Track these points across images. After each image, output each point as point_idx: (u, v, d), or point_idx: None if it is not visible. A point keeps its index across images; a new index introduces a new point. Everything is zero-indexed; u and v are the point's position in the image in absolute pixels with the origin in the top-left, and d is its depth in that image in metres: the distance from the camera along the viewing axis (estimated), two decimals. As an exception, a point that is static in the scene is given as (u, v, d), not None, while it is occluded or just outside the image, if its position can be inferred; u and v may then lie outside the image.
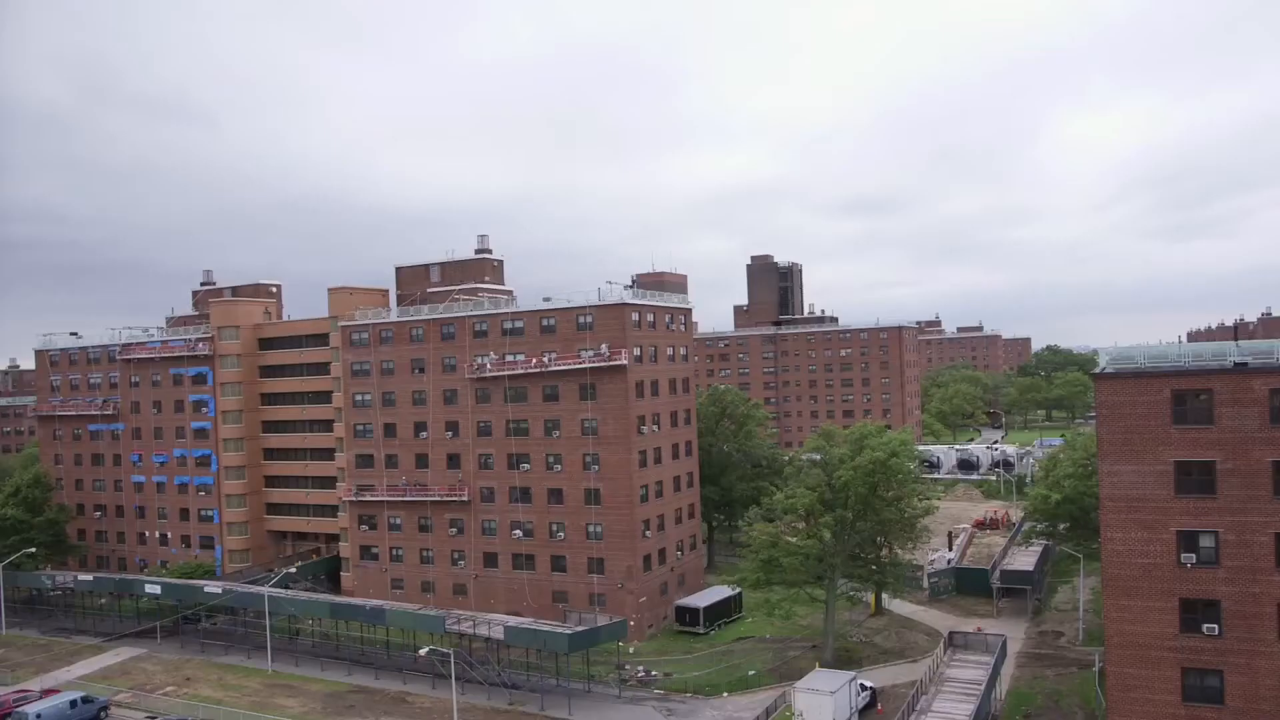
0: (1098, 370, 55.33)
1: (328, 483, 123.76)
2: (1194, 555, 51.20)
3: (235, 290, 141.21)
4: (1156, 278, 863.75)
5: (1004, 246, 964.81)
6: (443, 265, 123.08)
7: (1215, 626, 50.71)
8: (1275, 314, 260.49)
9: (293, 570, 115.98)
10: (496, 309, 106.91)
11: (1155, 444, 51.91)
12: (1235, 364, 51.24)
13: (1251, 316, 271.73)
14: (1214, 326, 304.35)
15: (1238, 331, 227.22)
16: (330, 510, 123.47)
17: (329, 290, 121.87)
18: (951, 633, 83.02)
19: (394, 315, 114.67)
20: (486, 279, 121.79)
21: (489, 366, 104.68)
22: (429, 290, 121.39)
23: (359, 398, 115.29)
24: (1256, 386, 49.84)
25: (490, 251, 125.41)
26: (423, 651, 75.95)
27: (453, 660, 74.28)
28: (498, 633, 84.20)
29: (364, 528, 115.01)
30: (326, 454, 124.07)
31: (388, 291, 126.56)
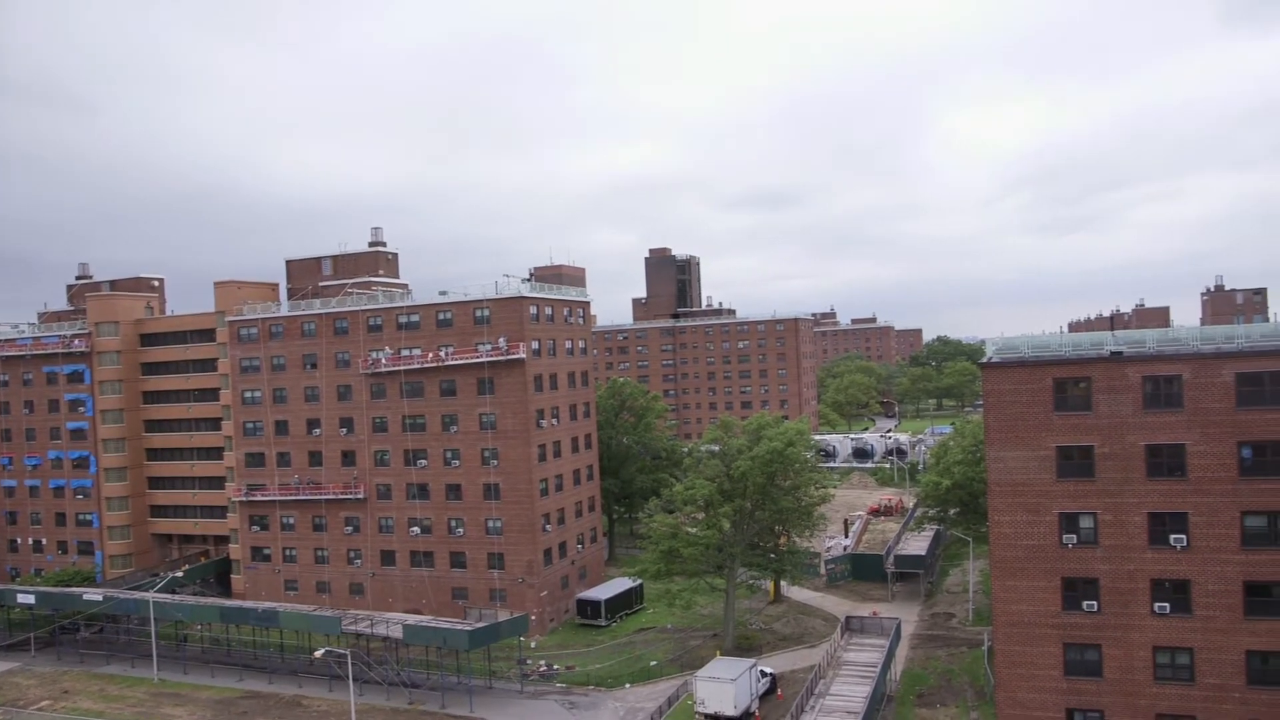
0: (985, 360, 57.09)
1: (216, 483, 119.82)
2: (1075, 536, 53.35)
3: (114, 284, 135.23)
4: (1040, 270, 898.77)
5: (897, 240, 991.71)
6: (335, 259, 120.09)
7: (1094, 603, 52.95)
8: (1148, 305, 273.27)
9: (179, 574, 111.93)
10: (391, 303, 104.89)
11: (1038, 430, 53.87)
12: (1111, 353, 53.51)
13: (1127, 307, 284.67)
14: (1092, 317, 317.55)
15: (1114, 322, 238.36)
16: (219, 511, 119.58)
17: (215, 284, 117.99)
18: (848, 617, 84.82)
19: (284, 310, 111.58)
20: (381, 272, 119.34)
21: (384, 361, 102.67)
22: (321, 284, 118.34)
23: (248, 395, 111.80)
24: (1131, 374, 52.16)
25: (384, 245, 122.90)
26: (318, 653, 74.13)
27: (349, 661, 72.71)
28: (396, 632, 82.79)
29: (255, 528, 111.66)
30: (214, 453, 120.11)
31: (277, 286, 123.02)
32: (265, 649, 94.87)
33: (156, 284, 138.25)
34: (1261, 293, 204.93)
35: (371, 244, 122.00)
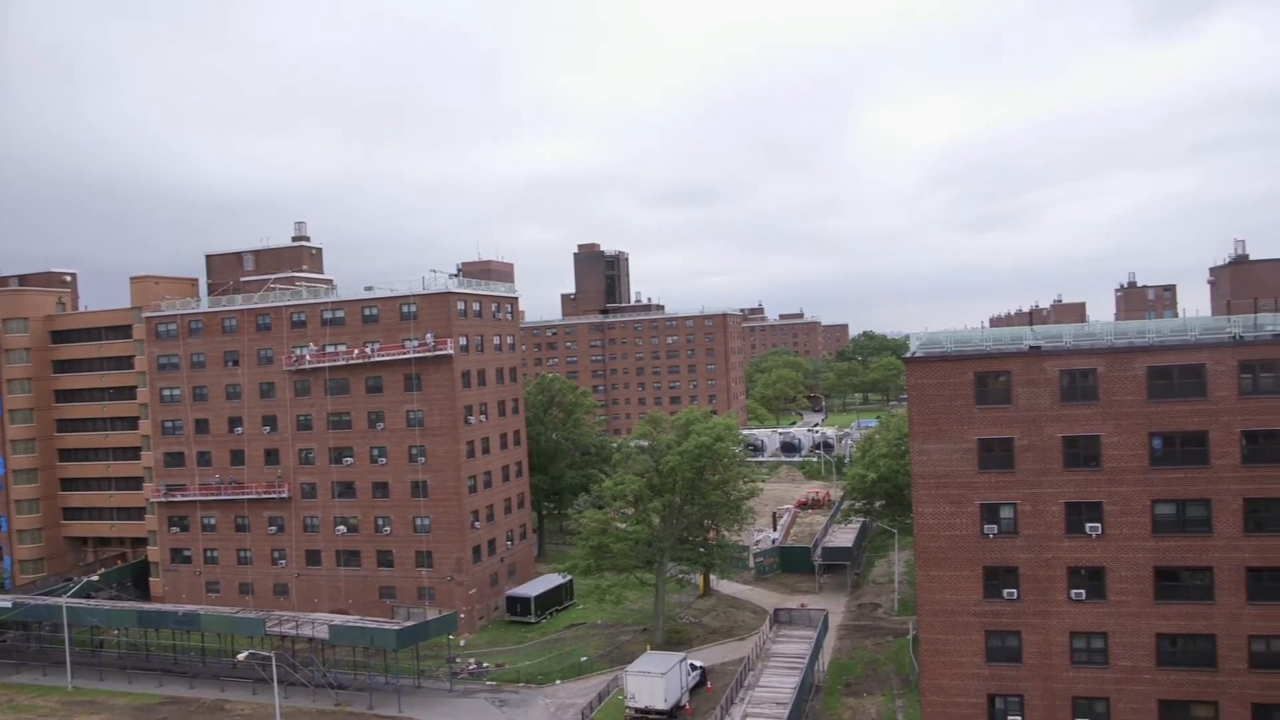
0: (908, 355, 58.10)
1: (133, 483, 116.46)
2: (995, 526, 54.64)
3: (23, 279, 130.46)
4: (963, 266, 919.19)
5: (823, 236, 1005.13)
6: (257, 253, 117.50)
7: (1014, 591, 54.32)
8: (1066, 301, 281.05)
9: (95, 578, 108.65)
10: (316, 298, 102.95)
11: (960, 423, 55.02)
12: (1030, 348, 54.89)
13: (1046, 303, 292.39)
14: (1013, 312, 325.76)
15: (1033, 317, 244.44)
16: (137, 512, 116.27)
17: (131, 280, 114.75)
18: (776, 610, 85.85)
19: (204, 305, 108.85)
20: (305, 267, 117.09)
21: (308, 358, 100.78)
22: (242, 279, 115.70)
23: (167, 393, 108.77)
24: (1049, 368, 53.59)
25: (308, 239, 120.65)
26: (241, 656, 72.38)
27: (274, 663, 71.26)
28: (322, 632, 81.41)
29: (175, 529, 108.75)
30: (131, 453, 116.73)
31: (197, 281, 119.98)
32: (186, 653, 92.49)
33: (69, 279, 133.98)
34: (1171, 289, 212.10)
35: (295, 238, 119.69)
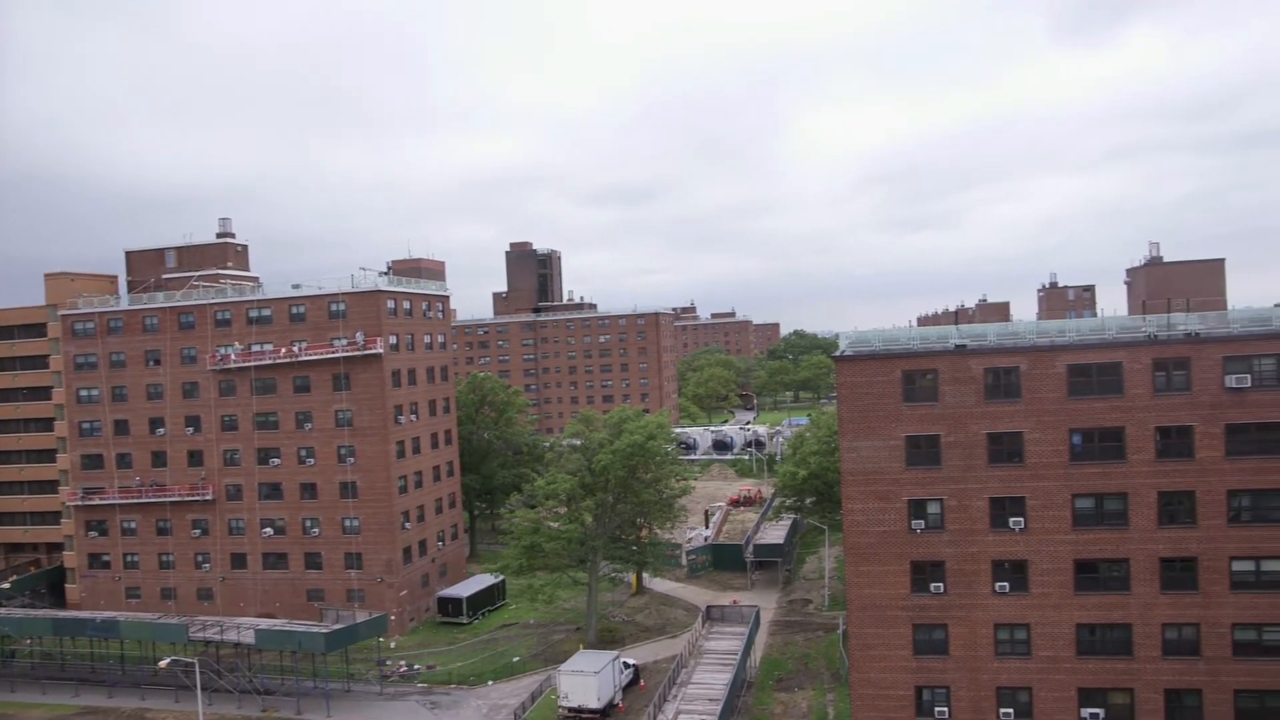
0: (838, 354, 58.87)
1: (48, 487, 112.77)
2: (923, 522, 55.68)
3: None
4: (893, 266, 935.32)
5: (755, 236, 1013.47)
6: (180, 250, 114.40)
7: (941, 585, 55.43)
8: (991, 300, 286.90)
9: (6, 585, 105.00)
10: (241, 296, 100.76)
11: (889, 421, 55.94)
12: (956, 346, 56.05)
13: (971, 302, 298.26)
14: (940, 312, 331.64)
15: (958, 317, 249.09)
16: (52, 517, 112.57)
17: (46, 276, 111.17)
18: (709, 607, 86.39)
19: (124, 303, 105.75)
20: (229, 265, 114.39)
21: (233, 357, 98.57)
22: (164, 276, 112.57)
23: (84, 393, 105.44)
24: (973, 366, 54.78)
25: (233, 236, 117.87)
26: (163, 663, 70.56)
27: (197, 670, 69.54)
28: (248, 637, 79.76)
29: (92, 534, 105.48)
30: (47, 455, 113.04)
31: (116, 278, 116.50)
32: (105, 661, 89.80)
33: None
34: (1090, 289, 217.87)
35: (219, 235, 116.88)
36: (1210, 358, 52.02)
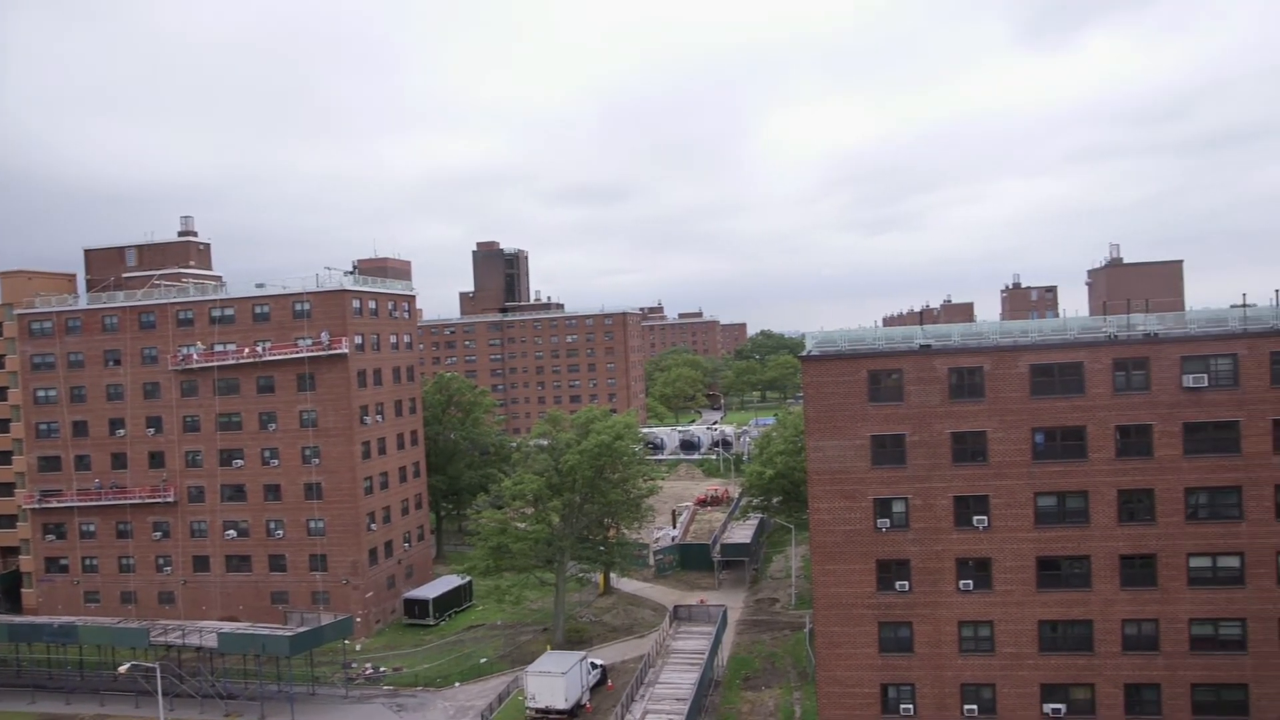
0: (804, 353, 59.17)
1: (4, 490, 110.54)
2: (888, 520, 56.08)
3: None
4: (859, 266, 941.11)
5: (723, 236, 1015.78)
6: (140, 248, 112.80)
7: (906, 583, 55.88)
8: (955, 301, 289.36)
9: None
10: (203, 295, 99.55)
11: (854, 420, 56.30)
12: (921, 346, 56.53)
13: (936, 303, 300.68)
14: (905, 312, 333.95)
15: (923, 317, 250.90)
16: (8, 520, 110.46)
17: (1, 275, 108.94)
18: (676, 606, 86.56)
19: (83, 302, 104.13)
20: (192, 263, 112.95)
21: (196, 357, 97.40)
22: (125, 275, 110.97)
23: (41, 394, 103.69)
24: (938, 366, 55.28)
25: (195, 234, 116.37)
26: (123, 668, 69.47)
27: (158, 675, 68.60)
28: (210, 641, 78.79)
29: (50, 537, 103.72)
30: (2, 457, 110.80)
31: (75, 277, 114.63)
32: (62, 667, 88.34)
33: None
34: (1052, 290, 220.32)
35: (181, 233, 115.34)
36: (1168, 358, 52.87)
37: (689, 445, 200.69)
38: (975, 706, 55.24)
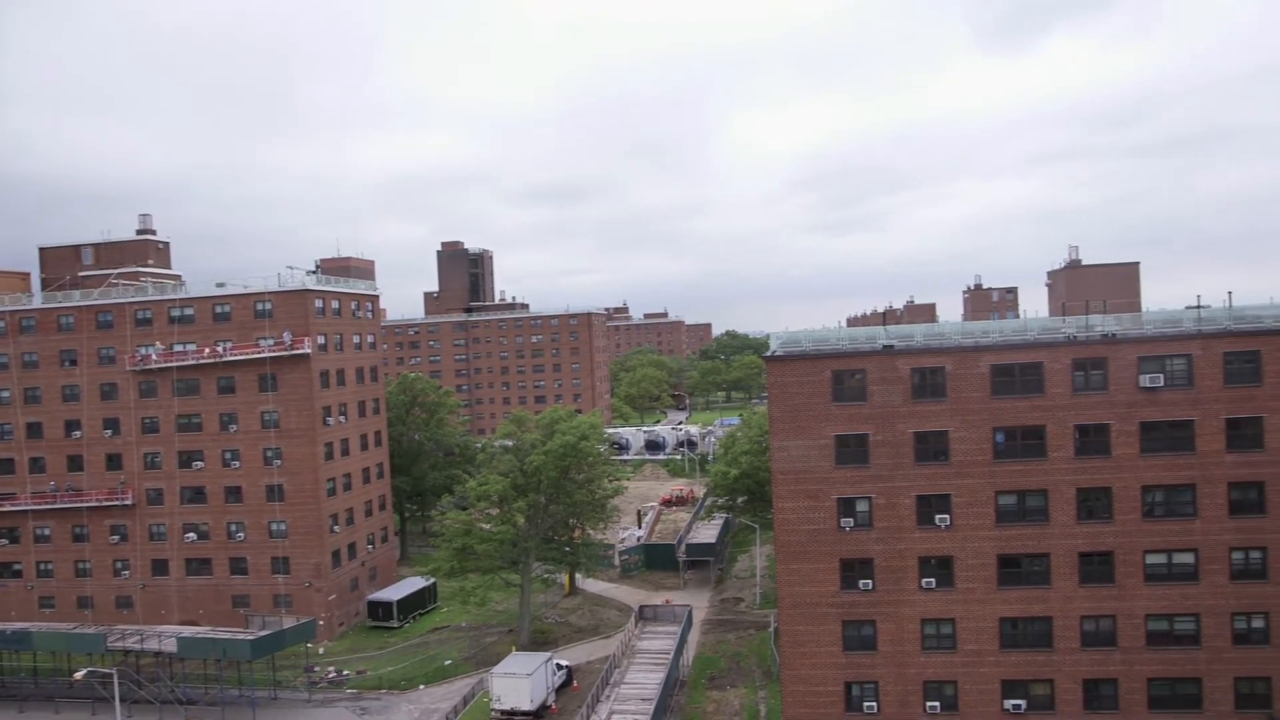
0: (769, 354, 59.46)
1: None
2: (851, 520, 56.47)
3: None
4: (822, 267, 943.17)
5: (688, 236, 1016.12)
6: (97, 247, 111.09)
7: (869, 582, 56.30)
8: (918, 301, 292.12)
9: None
10: (162, 295, 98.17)
11: (818, 420, 56.64)
12: (884, 347, 56.99)
13: (899, 303, 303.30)
14: (868, 312, 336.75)
15: (886, 317, 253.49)
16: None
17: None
18: (642, 606, 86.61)
19: (38, 301, 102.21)
20: (150, 262, 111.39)
21: (155, 357, 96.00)
22: (81, 274, 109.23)
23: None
24: (900, 366, 55.77)
25: (154, 232, 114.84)
26: (79, 675, 68.28)
27: (115, 681, 67.51)
28: (170, 645, 77.71)
29: (3, 541, 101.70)
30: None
31: (29, 275, 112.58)
32: (16, 675, 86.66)
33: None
34: (1013, 291, 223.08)
35: (140, 231, 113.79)
36: (1125, 358, 53.75)
37: (654, 445, 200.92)
38: (938, 703, 55.80)
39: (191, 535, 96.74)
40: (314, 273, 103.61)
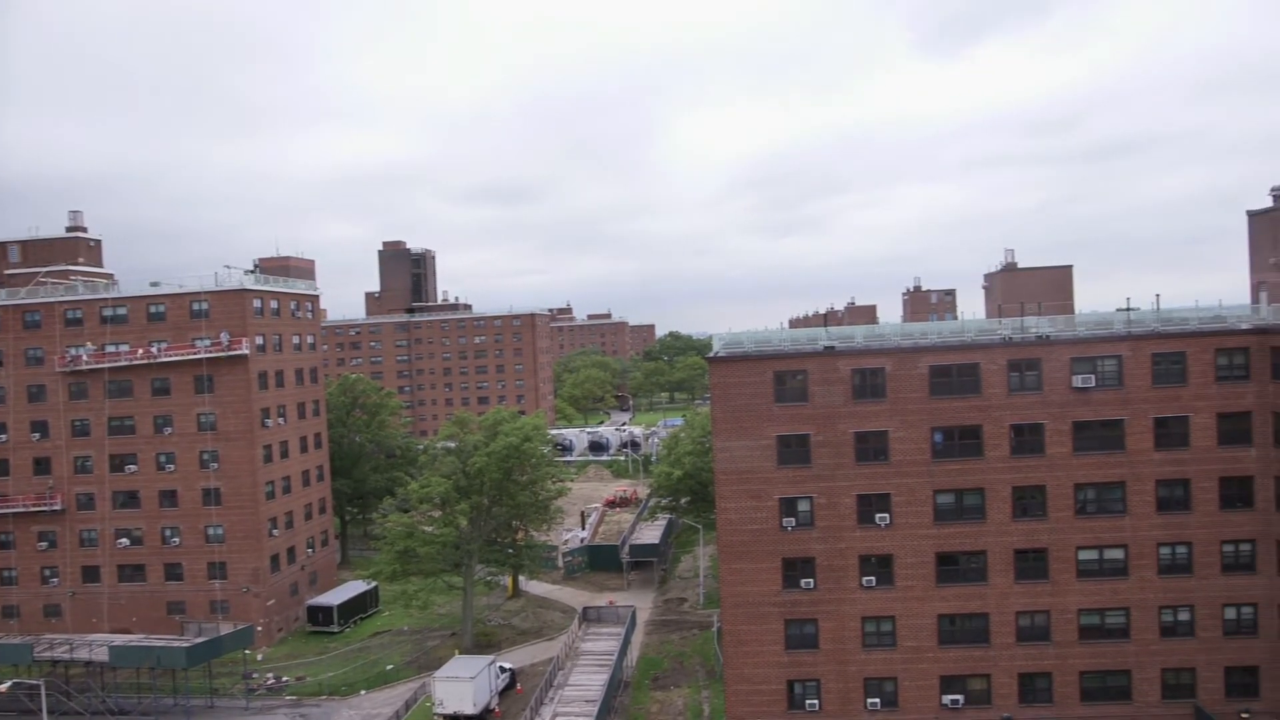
0: (712, 355, 59.86)
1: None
2: (793, 519, 57.09)
3: None
4: (765, 269, 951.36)
5: (632, 237, 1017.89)
6: (24, 244, 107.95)
7: (811, 581, 56.95)
8: (859, 303, 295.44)
9: None
10: (94, 294, 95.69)
11: (761, 421, 57.16)
12: (825, 348, 57.70)
13: (840, 305, 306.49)
14: (810, 314, 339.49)
15: (828, 319, 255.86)
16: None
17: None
18: (585, 608, 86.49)
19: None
20: (81, 260, 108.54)
21: (85, 358, 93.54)
22: (7, 273, 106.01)
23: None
24: (841, 367, 56.51)
25: (85, 230, 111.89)
26: (3, 686, 66.31)
27: (43, 692, 65.71)
28: (101, 654, 75.80)
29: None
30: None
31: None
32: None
33: None
34: (951, 293, 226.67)
35: (70, 229, 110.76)
36: (1059, 359, 55.09)
37: (598, 446, 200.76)
38: (878, 700, 56.62)
39: (124, 541, 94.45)
40: (252, 272, 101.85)
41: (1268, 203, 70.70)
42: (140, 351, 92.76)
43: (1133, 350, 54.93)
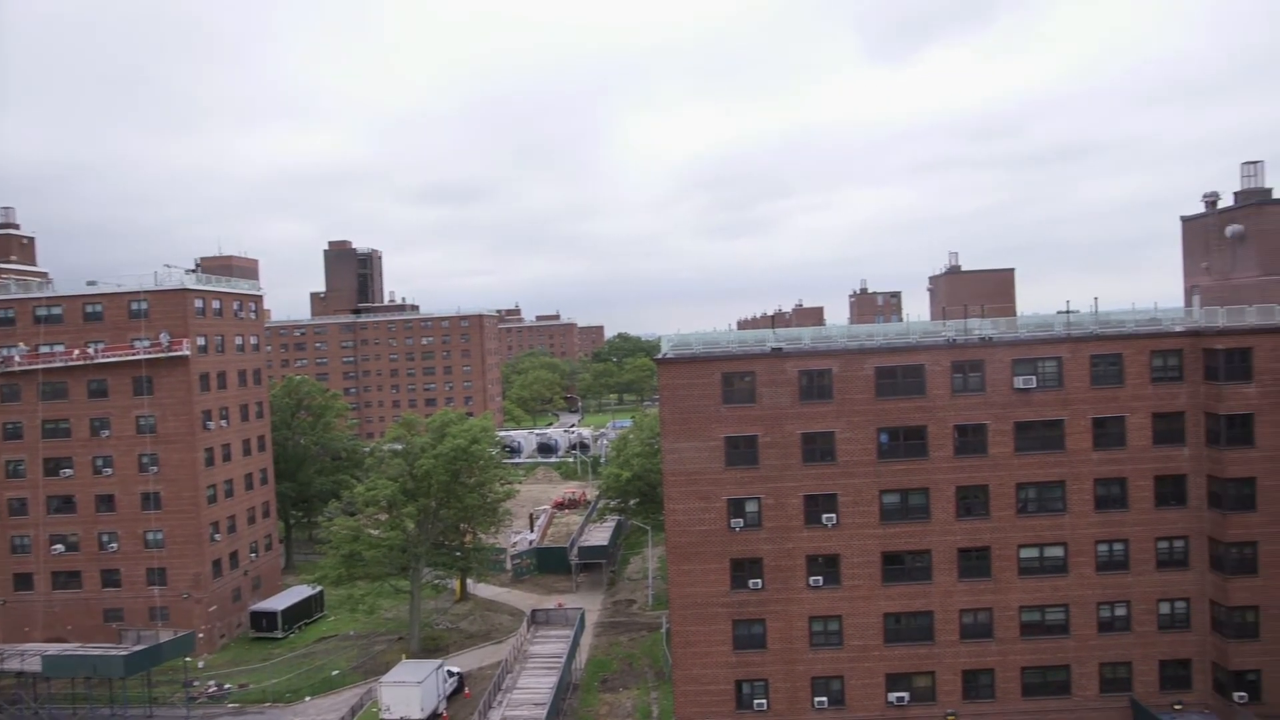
0: (660, 356, 59.97)
1: None
2: (741, 520, 57.40)
3: None
4: (714, 270, 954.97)
5: (582, 239, 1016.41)
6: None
7: (759, 581, 57.30)
8: (806, 305, 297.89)
9: None
10: (26, 293, 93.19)
11: (709, 422, 57.38)
12: (773, 349, 58.10)
13: (788, 307, 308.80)
14: (759, 315, 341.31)
15: (775, 320, 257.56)
16: None
17: None
18: (534, 611, 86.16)
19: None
20: (13, 258, 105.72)
21: (17, 359, 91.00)
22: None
23: None
24: (789, 369, 56.94)
25: (18, 227, 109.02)
26: (-67, 697, 64.48)
27: (-26, 702, 63.93)
28: (34, 665, 73.76)
29: None
30: None
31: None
32: None
33: None
34: (897, 295, 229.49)
35: (2, 226, 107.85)
36: (1001, 360, 56.07)
37: (546, 448, 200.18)
38: (825, 698, 57.15)
39: (59, 547, 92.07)
40: (194, 271, 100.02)
41: (1201, 209, 72.58)
42: (76, 352, 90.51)
43: (1072, 352, 56.10)
